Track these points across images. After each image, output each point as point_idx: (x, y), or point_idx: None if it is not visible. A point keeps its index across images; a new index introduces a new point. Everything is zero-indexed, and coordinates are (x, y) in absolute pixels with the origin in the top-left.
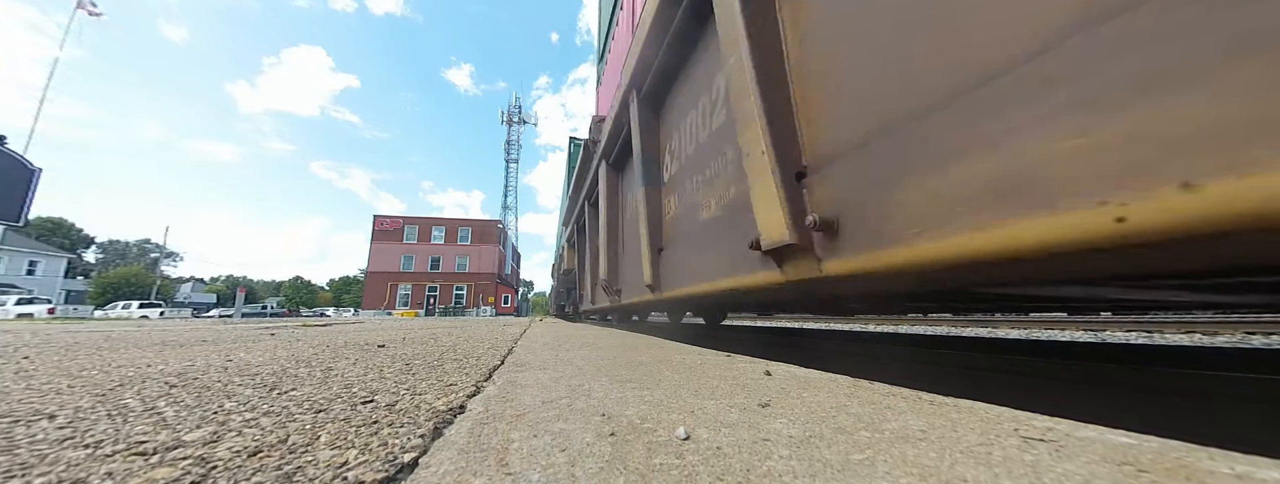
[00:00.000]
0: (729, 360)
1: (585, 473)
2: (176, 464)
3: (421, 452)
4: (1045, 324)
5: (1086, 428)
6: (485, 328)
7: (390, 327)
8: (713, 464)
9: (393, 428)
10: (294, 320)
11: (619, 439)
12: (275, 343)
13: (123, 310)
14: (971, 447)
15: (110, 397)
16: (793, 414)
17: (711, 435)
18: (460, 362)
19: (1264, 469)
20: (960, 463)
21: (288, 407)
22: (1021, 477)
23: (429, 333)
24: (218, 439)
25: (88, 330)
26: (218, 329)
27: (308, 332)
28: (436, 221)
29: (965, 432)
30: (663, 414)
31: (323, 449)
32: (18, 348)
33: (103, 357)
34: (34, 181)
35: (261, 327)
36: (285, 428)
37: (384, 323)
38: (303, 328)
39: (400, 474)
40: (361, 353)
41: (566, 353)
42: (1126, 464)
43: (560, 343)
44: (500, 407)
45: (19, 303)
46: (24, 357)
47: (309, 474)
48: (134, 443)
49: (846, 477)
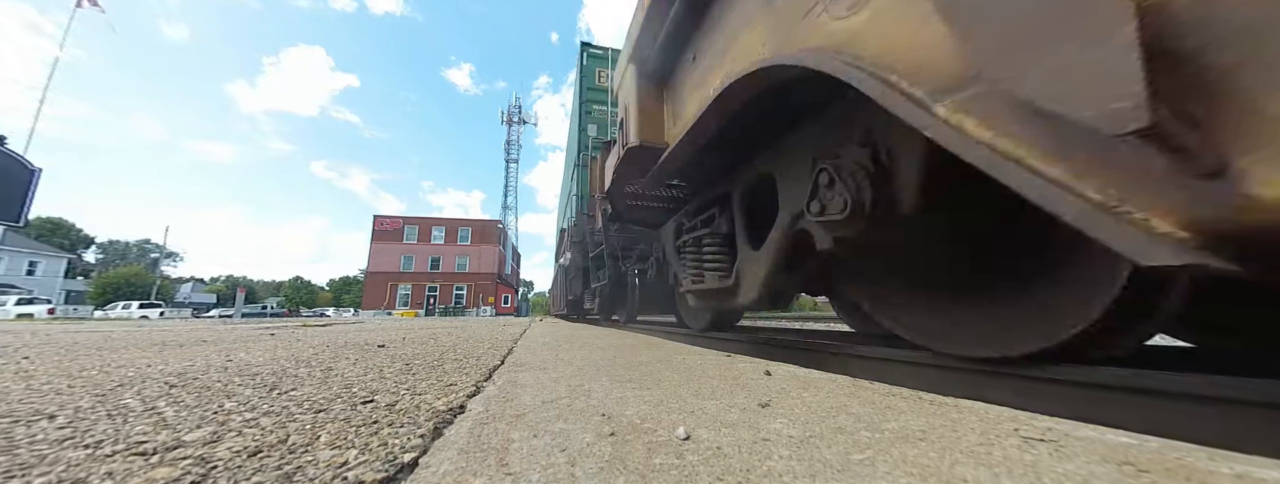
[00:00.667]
0: (729, 360)
1: (585, 473)
2: (176, 464)
3: (421, 452)
4: None
5: (1086, 428)
6: (485, 328)
7: (390, 327)
8: (713, 464)
9: (393, 428)
10: (294, 320)
11: (619, 439)
12: (275, 343)
13: (123, 310)
14: (971, 447)
15: (110, 397)
16: (793, 414)
17: (711, 435)
18: (460, 362)
19: (1264, 469)
20: (960, 463)
21: (288, 407)
22: (1021, 477)
23: (429, 333)
24: (218, 439)
25: (88, 331)
26: (218, 329)
27: (308, 332)
28: (436, 222)
29: (965, 432)
30: (663, 414)
31: (323, 449)
32: (18, 348)
33: (103, 357)
34: (34, 182)
35: (261, 327)
36: (285, 428)
37: (384, 323)
38: (303, 328)
39: (400, 474)
40: (361, 353)
41: (566, 353)
42: (1126, 464)
43: (560, 343)
44: (500, 407)
45: (19, 303)
46: (24, 357)
47: (309, 474)
48: (134, 443)
49: (846, 477)
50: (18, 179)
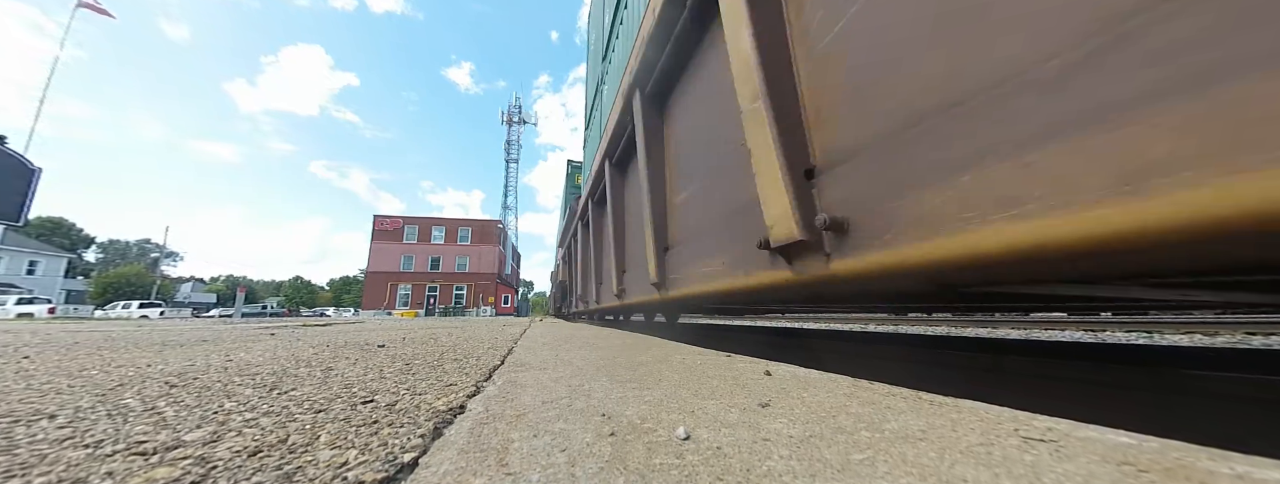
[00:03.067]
0: (729, 360)
1: (585, 473)
2: (176, 464)
3: (421, 452)
4: (1045, 324)
5: (1086, 428)
6: (485, 328)
7: (390, 327)
8: (713, 464)
9: (393, 428)
10: (294, 320)
11: (619, 439)
12: (275, 343)
13: (123, 310)
14: (971, 447)
15: (110, 396)
16: (793, 414)
17: (711, 435)
18: (460, 362)
19: (1264, 469)
20: (960, 463)
21: (288, 406)
22: (1021, 477)
23: (429, 333)
24: (218, 439)
25: (88, 330)
26: (218, 329)
27: (308, 332)
28: (436, 221)
29: (965, 432)
30: (663, 414)
31: (323, 449)
32: (18, 348)
33: (103, 356)
34: (34, 181)
35: (261, 326)
36: (285, 428)
37: (384, 323)
38: (303, 328)
39: (400, 474)
40: (361, 353)
41: (566, 353)
42: (1126, 464)
43: (560, 343)
44: (500, 407)
45: (19, 303)
46: (24, 356)
47: (309, 474)
48: (134, 443)
49: (846, 477)
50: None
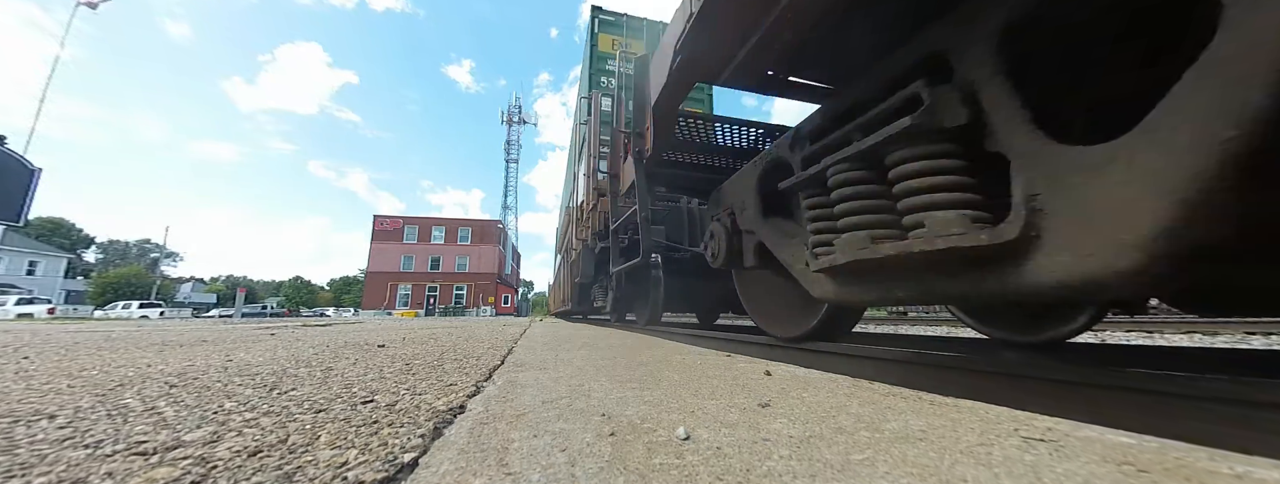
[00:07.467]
0: (729, 360)
1: (585, 473)
2: (176, 464)
3: (421, 452)
4: None
5: (1086, 428)
6: (485, 328)
7: (390, 327)
8: (713, 464)
9: (393, 428)
10: (294, 320)
11: (619, 439)
12: (275, 343)
13: (123, 310)
14: (971, 447)
15: (110, 397)
16: (793, 414)
17: (711, 435)
18: (460, 362)
19: (1263, 469)
20: (960, 463)
21: (288, 407)
22: (1021, 477)
23: (429, 333)
24: (218, 439)
25: (88, 330)
26: (218, 329)
27: (308, 332)
28: (436, 221)
29: (965, 432)
30: (663, 414)
31: (323, 449)
32: (18, 348)
33: (103, 357)
34: (34, 182)
35: (261, 327)
36: (285, 428)
37: (384, 323)
38: (303, 328)
39: (400, 474)
40: (361, 353)
41: (566, 353)
42: (1126, 464)
43: (560, 343)
44: (500, 407)
45: (19, 303)
46: (24, 357)
47: (309, 474)
48: (134, 443)
49: (846, 477)
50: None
